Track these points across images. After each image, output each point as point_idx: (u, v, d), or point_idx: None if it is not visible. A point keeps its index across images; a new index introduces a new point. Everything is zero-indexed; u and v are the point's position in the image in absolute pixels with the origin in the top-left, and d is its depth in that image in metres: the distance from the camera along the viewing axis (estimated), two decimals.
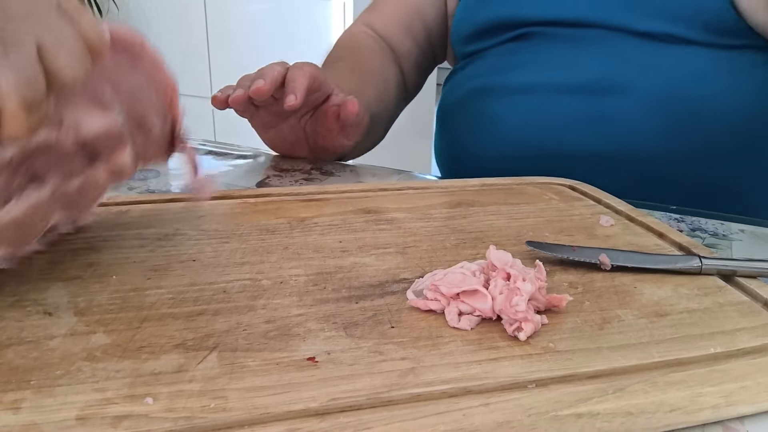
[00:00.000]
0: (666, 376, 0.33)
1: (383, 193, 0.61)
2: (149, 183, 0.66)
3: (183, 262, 0.45)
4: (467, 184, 0.64)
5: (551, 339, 0.36)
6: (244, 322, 0.37)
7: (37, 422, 0.28)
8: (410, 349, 0.35)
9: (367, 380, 0.32)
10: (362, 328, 0.37)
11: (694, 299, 0.42)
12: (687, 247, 0.50)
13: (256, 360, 0.33)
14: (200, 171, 0.48)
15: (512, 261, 0.40)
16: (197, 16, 2.23)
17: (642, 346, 0.36)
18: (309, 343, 0.35)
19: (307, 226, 0.52)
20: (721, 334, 0.37)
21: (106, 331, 0.35)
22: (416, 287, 0.41)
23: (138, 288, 0.41)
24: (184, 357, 0.33)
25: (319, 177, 0.70)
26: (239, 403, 0.30)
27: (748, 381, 0.33)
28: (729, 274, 0.45)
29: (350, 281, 0.42)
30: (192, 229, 0.50)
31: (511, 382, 0.32)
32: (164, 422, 0.28)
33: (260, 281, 0.42)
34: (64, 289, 0.40)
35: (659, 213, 0.62)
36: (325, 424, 0.29)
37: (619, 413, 0.30)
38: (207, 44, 2.24)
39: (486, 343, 0.36)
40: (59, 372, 0.32)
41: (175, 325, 0.36)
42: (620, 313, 0.39)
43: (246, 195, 0.59)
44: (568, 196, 0.61)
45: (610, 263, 0.45)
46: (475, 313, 0.38)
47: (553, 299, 0.39)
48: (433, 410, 0.30)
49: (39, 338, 0.35)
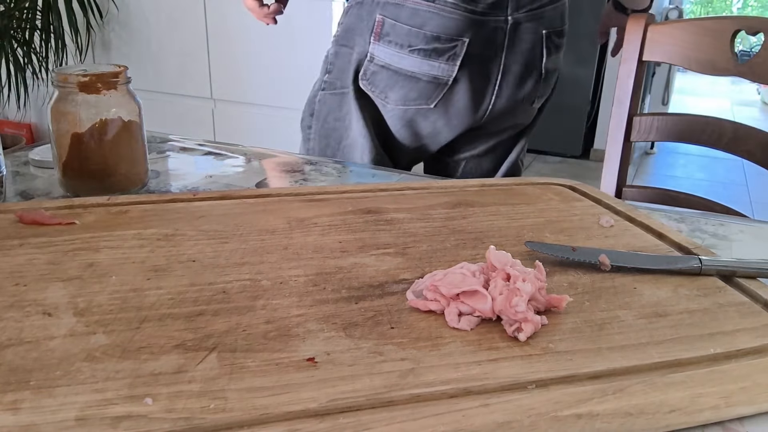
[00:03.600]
0: (666, 376, 0.33)
1: (383, 193, 0.60)
2: (149, 183, 0.66)
3: (183, 262, 0.45)
4: (467, 184, 0.64)
5: (551, 339, 0.36)
6: (243, 323, 0.37)
7: (36, 423, 0.28)
8: (410, 349, 0.35)
9: (366, 381, 0.32)
10: (362, 328, 0.37)
11: (693, 300, 0.42)
12: (687, 247, 0.50)
13: (255, 360, 0.33)
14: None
15: (512, 261, 0.40)
16: (197, 16, 2.23)
17: (642, 346, 0.36)
18: (308, 344, 0.35)
19: (307, 226, 0.52)
20: (720, 335, 0.37)
21: (105, 332, 0.35)
22: (416, 288, 0.41)
23: (138, 288, 0.41)
24: (184, 357, 0.33)
25: (319, 177, 0.70)
26: (239, 404, 0.30)
27: (748, 382, 0.33)
28: (729, 275, 0.45)
29: (350, 282, 0.42)
30: (192, 230, 0.50)
31: (511, 382, 0.32)
32: (164, 423, 0.28)
33: (260, 282, 0.42)
34: (64, 290, 0.40)
35: (659, 213, 0.62)
36: (324, 425, 0.29)
37: (619, 414, 0.30)
38: (207, 44, 2.24)
39: (486, 343, 0.36)
40: (59, 372, 0.32)
41: (175, 325, 0.36)
42: (620, 314, 0.39)
43: (246, 195, 0.59)
44: (567, 197, 0.61)
45: (609, 264, 0.45)
46: (475, 313, 0.38)
47: (553, 300, 0.39)
48: (433, 411, 0.30)
49: (39, 339, 0.35)
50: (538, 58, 0.91)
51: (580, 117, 3.66)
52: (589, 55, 3.53)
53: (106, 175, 0.61)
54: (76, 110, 0.58)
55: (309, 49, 1.96)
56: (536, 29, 0.88)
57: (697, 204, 0.98)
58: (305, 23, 1.96)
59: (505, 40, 0.87)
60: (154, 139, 0.83)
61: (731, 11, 10.30)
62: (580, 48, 3.52)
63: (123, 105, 0.60)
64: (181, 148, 0.80)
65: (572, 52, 3.55)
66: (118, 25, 2.42)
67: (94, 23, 2.41)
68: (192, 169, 0.73)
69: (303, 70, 2.05)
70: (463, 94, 0.89)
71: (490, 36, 0.86)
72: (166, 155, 0.78)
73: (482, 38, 0.86)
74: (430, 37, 0.85)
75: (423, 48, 0.85)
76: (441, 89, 0.88)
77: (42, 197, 0.62)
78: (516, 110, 0.95)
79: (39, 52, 2.41)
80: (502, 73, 0.89)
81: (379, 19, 0.86)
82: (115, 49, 2.46)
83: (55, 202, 0.55)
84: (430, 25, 0.84)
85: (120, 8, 2.38)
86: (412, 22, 0.84)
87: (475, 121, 0.93)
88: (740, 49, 4.21)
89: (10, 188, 0.64)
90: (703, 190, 1.07)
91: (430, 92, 0.88)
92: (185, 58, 2.29)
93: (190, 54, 2.28)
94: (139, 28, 2.38)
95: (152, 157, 0.76)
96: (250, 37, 2.11)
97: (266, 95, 2.13)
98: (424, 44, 0.85)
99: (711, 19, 0.94)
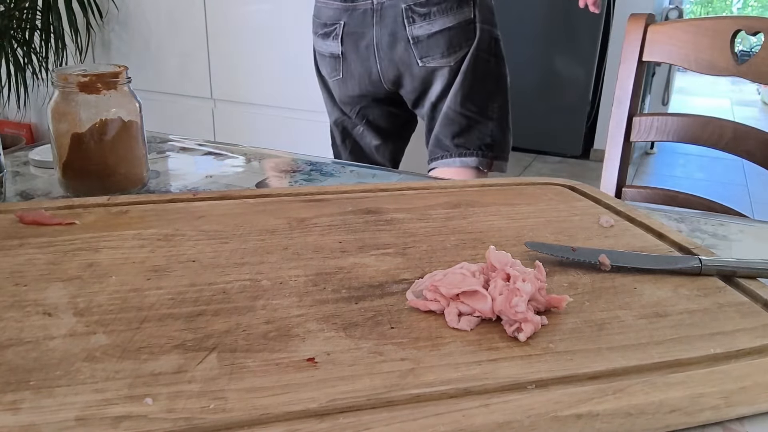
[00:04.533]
0: (666, 376, 0.33)
1: (383, 194, 0.60)
2: (149, 183, 0.66)
3: (183, 262, 0.45)
4: (467, 184, 0.64)
5: (551, 340, 0.36)
6: (243, 323, 0.37)
7: (36, 423, 0.28)
8: (410, 349, 0.35)
9: (366, 381, 0.32)
10: (362, 328, 0.37)
11: (693, 300, 0.42)
12: (687, 247, 0.50)
13: (255, 361, 0.33)
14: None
15: (512, 261, 0.40)
16: (197, 16, 2.23)
17: (642, 346, 0.36)
18: (308, 344, 0.35)
19: (307, 227, 0.52)
20: (720, 335, 0.37)
21: (105, 332, 0.35)
22: (416, 288, 0.41)
23: (138, 288, 0.41)
24: (184, 358, 0.33)
25: (319, 177, 0.70)
26: (239, 404, 0.30)
27: (748, 382, 0.33)
28: (729, 275, 0.45)
29: (350, 282, 0.42)
30: (192, 230, 0.50)
31: (511, 382, 0.32)
32: (164, 423, 0.28)
33: (260, 282, 0.42)
34: (64, 290, 0.40)
35: (659, 213, 0.62)
36: (324, 425, 0.29)
37: (619, 414, 0.30)
38: (207, 44, 2.24)
39: (486, 343, 0.36)
40: (59, 373, 0.32)
41: (175, 325, 0.36)
42: (620, 314, 0.39)
43: (246, 195, 0.59)
44: (567, 197, 0.61)
45: (609, 264, 0.45)
46: (475, 313, 0.38)
47: (553, 300, 0.39)
48: (433, 411, 0.30)
49: (39, 339, 0.35)
50: (401, 28, 1.13)
51: (580, 117, 3.66)
52: (589, 55, 3.53)
53: (106, 175, 0.61)
54: (76, 110, 0.58)
55: (309, 50, 1.96)
56: (396, 5, 1.12)
57: (696, 204, 0.98)
58: (305, 23, 1.97)
59: (373, 18, 1.13)
60: (154, 139, 0.83)
61: (731, 11, 10.30)
62: (580, 48, 3.52)
63: (123, 105, 0.60)
64: (181, 148, 0.80)
65: (572, 52, 3.56)
66: (118, 25, 2.42)
67: (94, 23, 2.41)
68: (192, 169, 0.73)
69: (303, 70, 2.05)
70: (356, 64, 1.17)
71: (361, 17, 1.14)
72: (166, 155, 0.78)
73: (355, 19, 1.14)
74: (322, 24, 1.18)
75: (320, 32, 1.20)
76: (339, 62, 1.19)
77: (42, 197, 0.62)
78: (409, 70, 1.16)
79: (39, 52, 2.41)
80: (376, 44, 1.15)
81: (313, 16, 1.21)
82: (115, 49, 2.45)
83: (55, 202, 0.55)
84: (322, 15, 1.18)
85: (120, 8, 2.38)
86: (315, 14, 1.20)
87: (378, 83, 1.18)
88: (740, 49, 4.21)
89: (10, 188, 0.64)
90: (702, 190, 1.07)
91: (334, 65, 1.20)
92: (185, 58, 2.29)
93: (190, 54, 2.28)
94: (139, 28, 2.38)
95: (152, 157, 0.76)
96: (250, 37, 2.11)
97: (266, 95, 2.12)
98: (321, 29, 1.19)
99: (711, 19, 0.94)
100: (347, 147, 1.30)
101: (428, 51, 1.14)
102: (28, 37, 2.39)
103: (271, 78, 2.08)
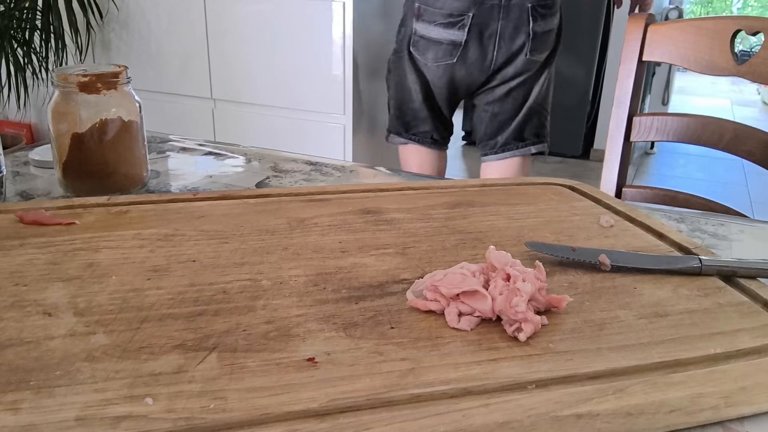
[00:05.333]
0: (666, 376, 0.33)
1: (383, 194, 0.60)
2: (149, 183, 0.66)
3: (183, 262, 0.45)
4: (467, 184, 0.64)
5: (551, 340, 0.36)
6: (243, 323, 0.37)
7: (36, 423, 0.28)
8: (410, 349, 0.35)
9: (366, 381, 0.32)
10: (362, 328, 0.37)
11: (693, 300, 0.42)
12: (687, 247, 0.50)
13: (255, 360, 0.33)
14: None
15: (512, 261, 0.40)
16: (197, 16, 2.22)
17: (642, 346, 0.36)
18: (309, 344, 0.35)
19: (307, 227, 0.52)
20: (720, 335, 0.37)
21: (105, 332, 0.35)
22: (416, 288, 0.41)
23: (138, 288, 0.41)
24: (184, 357, 0.33)
25: (319, 177, 0.70)
26: (239, 404, 0.30)
27: (748, 382, 0.33)
28: (729, 275, 0.45)
29: (350, 282, 0.42)
30: (192, 230, 0.50)
31: (511, 382, 0.32)
32: (164, 423, 0.28)
33: (260, 282, 0.42)
34: (64, 290, 0.40)
35: (659, 213, 0.62)
36: (325, 425, 0.29)
37: (619, 414, 0.30)
38: (207, 44, 2.23)
39: (486, 343, 0.36)
40: (59, 372, 0.32)
41: (175, 325, 0.36)
42: (620, 314, 0.39)
43: (246, 195, 0.59)
44: (567, 197, 0.61)
45: (609, 264, 0.45)
46: (475, 313, 0.38)
47: (553, 300, 0.39)
48: (433, 411, 0.30)
49: (39, 339, 0.35)
50: (525, 23, 1.35)
51: (580, 117, 3.65)
52: (589, 55, 3.53)
53: (106, 175, 0.61)
54: (76, 110, 0.58)
55: (309, 50, 1.96)
56: (523, 4, 1.34)
57: (696, 204, 0.98)
58: (305, 23, 1.97)
59: (500, 12, 1.34)
60: (154, 139, 0.83)
61: (731, 11, 10.29)
62: (580, 48, 3.52)
63: (123, 105, 0.60)
64: (181, 148, 0.80)
65: (572, 52, 3.56)
66: (118, 25, 2.42)
67: (94, 23, 2.41)
68: (192, 169, 0.73)
69: (303, 70, 2.05)
70: (474, 51, 1.38)
71: (488, 11, 1.34)
72: (166, 155, 0.78)
73: (483, 12, 1.34)
74: (446, 14, 1.35)
75: (442, 22, 1.36)
76: (457, 48, 1.38)
77: (42, 197, 0.62)
78: (515, 60, 1.39)
79: (39, 52, 2.41)
80: (499, 35, 1.36)
81: (417, 6, 1.40)
82: (115, 49, 2.45)
83: (55, 202, 0.55)
84: (447, 7, 1.35)
85: (120, 8, 2.38)
86: (436, 6, 1.36)
87: (486, 70, 1.40)
88: (740, 49, 4.21)
89: (10, 188, 0.64)
90: (702, 190, 1.07)
91: (450, 51, 1.39)
92: (185, 58, 2.29)
93: (190, 54, 2.28)
94: (139, 28, 2.38)
95: (152, 157, 0.76)
96: (250, 37, 2.11)
97: (266, 95, 2.12)
98: (443, 20, 1.36)
99: (711, 19, 0.94)
100: None
101: (538, 45, 1.39)
102: (28, 37, 2.39)
103: (271, 78, 2.08)
